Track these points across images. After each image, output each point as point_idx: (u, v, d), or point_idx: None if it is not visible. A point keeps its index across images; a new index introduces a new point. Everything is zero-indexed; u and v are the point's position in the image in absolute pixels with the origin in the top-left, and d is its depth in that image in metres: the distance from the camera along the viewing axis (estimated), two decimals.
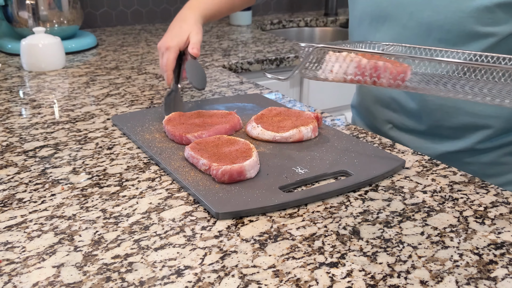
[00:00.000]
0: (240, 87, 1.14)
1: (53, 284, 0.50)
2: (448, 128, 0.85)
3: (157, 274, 0.51)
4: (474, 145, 0.84)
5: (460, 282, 0.50)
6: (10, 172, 0.73)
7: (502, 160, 0.84)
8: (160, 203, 0.65)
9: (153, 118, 0.90)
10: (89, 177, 0.71)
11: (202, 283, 0.50)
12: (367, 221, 0.60)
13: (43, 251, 0.55)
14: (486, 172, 0.81)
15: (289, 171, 0.70)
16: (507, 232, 0.58)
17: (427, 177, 0.72)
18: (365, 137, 0.87)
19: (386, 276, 0.51)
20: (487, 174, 0.81)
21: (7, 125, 0.92)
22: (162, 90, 1.12)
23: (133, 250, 0.55)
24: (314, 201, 0.65)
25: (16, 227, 0.60)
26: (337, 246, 0.56)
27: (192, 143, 0.74)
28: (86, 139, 0.85)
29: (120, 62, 1.38)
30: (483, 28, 0.73)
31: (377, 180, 0.70)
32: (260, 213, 0.62)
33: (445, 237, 0.57)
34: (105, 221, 0.61)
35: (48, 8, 1.46)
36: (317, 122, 0.85)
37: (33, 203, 0.65)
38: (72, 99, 1.06)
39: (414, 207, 0.64)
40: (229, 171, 0.66)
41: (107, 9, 1.90)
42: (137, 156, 0.78)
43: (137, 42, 1.66)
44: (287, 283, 0.50)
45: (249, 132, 0.83)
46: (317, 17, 2.22)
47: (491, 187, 0.69)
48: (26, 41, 1.28)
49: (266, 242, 0.56)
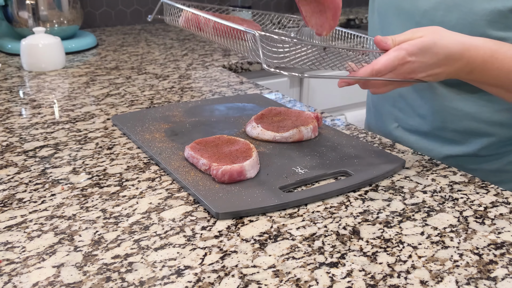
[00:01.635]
0: (240, 87, 1.14)
1: (53, 284, 0.50)
2: (452, 131, 0.85)
3: (157, 274, 0.51)
4: (477, 151, 0.84)
5: (460, 282, 0.50)
6: (10, 172, 0.73)
7: (506, 168, 0.84)
8: (160, 203, 0.65)
9: (153, 118, 0.90)
10: (89, 177, 0.71)
11: (202, 283, 0.50)
12: (367, 221, 0.60)
13: (43, 251, 0.55)
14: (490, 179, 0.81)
15: (289, 171, 0.70)
16: (507, 232, 0.58)
17: (427, 177, 0.72)
18: (365, 137, 0.87)
19: (386, 276, 0.51)
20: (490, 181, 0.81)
21: (7, 125, 0.92)
22: (162, 90, 1.12)
23: (133, 250, 0.55)
24: (314, 201, 0.65)
25: (16, 227, 0.60)
26: (337, 246, 0.56)
27: (192, 143, 0.74)
28: (86, 139, 0.85)
29: (120, 62, 1.38)
30: (494, 32, 0.73)
31: (377, 180, 0.70)
32: (260, 213, 0.62)
33: (445, 237, 0.57)
34: (105, 221, 0.61)
35: (48, 8, 1.46)
36: (317, 122, 0.85)
37: (33, 203, 0.65)
38: (72, 99, 1.06)
39: (414, 207, 0.64)
40: (229, 171, 0.66)
41: (107, 9, 1.90)
42: (137, 156, 0.78)
43: (137, 42, 1.66)
44: (287, 283, 0.50)
45: (249, 132, 0.83)
46: None
47: (491, 187, 0.69)
48: (26, 41, 1.28)
49: (266, 242, 0.56)
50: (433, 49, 0.65)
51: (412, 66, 0.65)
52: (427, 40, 0.65)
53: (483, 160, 0.85)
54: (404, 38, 0.66)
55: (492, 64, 0.68)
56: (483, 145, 0.83)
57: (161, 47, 1.58)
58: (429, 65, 0.66)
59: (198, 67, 1.33)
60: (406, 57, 0.64)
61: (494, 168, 0.84)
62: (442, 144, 0.87)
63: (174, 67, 1.33)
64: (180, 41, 1.66)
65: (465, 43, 0.67)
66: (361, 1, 2.51)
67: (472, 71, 0.68)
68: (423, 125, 0.88)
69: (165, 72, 1.27)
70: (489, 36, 0.73)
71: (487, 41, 0.69)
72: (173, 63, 1.37)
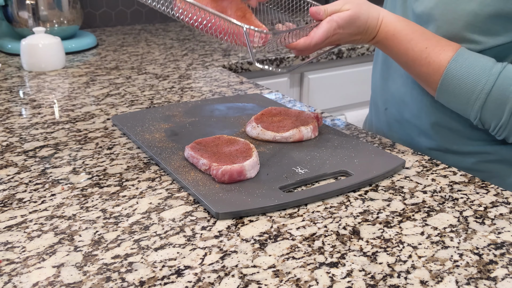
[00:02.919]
0: (240, 87, 1.14)
1: (53, 284, 0.50)
2: (426, 123, 0.85)
3: (157, 274, 0.51)
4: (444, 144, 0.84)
5: (460, 282, 0.50)
6: (10, 172, 0.73)
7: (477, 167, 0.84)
8: (160, 203, 0.65)
9: (153, 118, 0.90)
10: (89, 177, 0.71)
11: (202, 283, 0.50)
12: (367, 221, 0.60)
13: (43, 251, 0.55)
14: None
15: (289, 171, 0.70)
16: (507, 232, 0.58)
17: (427, 177, 0.72)
18: (365, 137, 0.87)
19: (386, 276, 0.51)
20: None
21: (7, 125, 0.92)
22: (162, 90, 1.12)
23: (133, 250, 0.55)
24: (314, 201, 0.65)
25: (16, 227, 0.60)
26: (337, 246, 0.56)
27: (192, 143, 0.74)
28: (86, 139, 0.85)
29: (120, 62, 1.38)
30: (469, 34, 0.74)
31: (377, 180, 0.70)
32: (260, 213, 0.62)
33: (445, 237, 0.57)
34: (105, 221, 0.61)
35: (48, 8, 1.46)
36: (317, 122, 0.85)
37: (33, 203, 0.65)
38: (72, 99, 1.07)
39: (414, 207, 0.64)
40: (229, 171, 0.66)
41: (107, 9, 1.90)
42: (137, 156, 0.78)
43: (137, 42, 1.66)
44: (287, 283, 0.50)
45: (249, 132, 0.83)
46: None
47: (491, 187, 0.69)
48: (26, 41, 1.28)
49: (266, 242, 0.56)
50: (356, 22, 0.75)
51: (339, 37, 0.76)
52: (353, 14, 0.74)
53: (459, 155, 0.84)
54: (335, 9, 0.75)
55: (392, 41, 0.77)
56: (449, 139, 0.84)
57: (161, 47, 1.58)
58: (350, 35, 0.77)
59: (198, 67, 1.33)
60: (336, 29, 0.75)
61: (468, 167, 0.84)
62: (419, 136, 0.88)
63: (174, 67, 1.33)
64: (180, 41, 1.66)
65: (380, 18, 0.77)
66: None
67: (378, 43, 0.79)
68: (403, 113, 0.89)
69: (165, 72, 1.27)
70: (464, 37, 0.75)
71: (401, 20, 0.78)
72: (173, 63, 1.37)
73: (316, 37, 0.74)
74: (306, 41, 0.74)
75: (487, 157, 0.83)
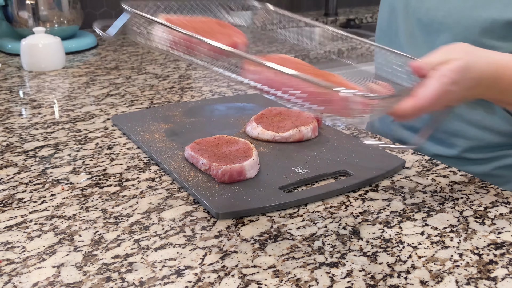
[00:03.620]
0: (240, 87, 1.14)
1: (53, 284, 0.50)
2: (441, 131, 0.85)
3: (157, 274, 0.51)
4: (461, 153, 0.84)
5: (460, 282, 0.50)
6: (10, 172, 0.73)
7: (494, 173, 0.84)
8: (160, 203, 0.65)
9: (153, 118, 0.90)
10: (89, 177, 0.71)
11: (202, 283, 0.50)
12: (367, 221, 0.60)
13: (43, 251, 0.55)
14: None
15: (289, 171, 0.70)
16: (507, 232, 0.58)
17: (427, 177, 0.72)
18: (365, 137, 0.87)
19: (386, 276, 0.51)
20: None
21: (7, 125, 0.92)
22: (162, 90, 1.12)
23: (133, 250, 0.55)
24: (314, 201, 0.65)
25: (16, 227, 0.60)
26: (337, 246, 0.56)
27: (192, 143, 0.74)
28: (86, 139, 0.85)
29: (120, 62, 1.38)
30: (486, 40, 0.73)
31: (377, 180, 0.70)
32: (260, 213, 0.62)
33: (445, 237, 0.57)
34: (105, 221, 0.61)
35: (48, 8, 1.46)
36: (317, 122, 0.85)
37: (33, 203, 0.65)
38: (72, 99, 1.07)
39: (414, 207, 0.64)
40: (229, 171, 0.66)
41: (107, 9, 1.90)
42: (137, 156, 0.78)
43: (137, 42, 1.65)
44: (287, 283, 0.50)
45: (249, 132, 0.83)
46: (317, 17, 2.22)
47: (491, 187, 0.69)
48: (26, 41, 1.28)
49: (266, 242, 0.56)
50: (467, 74, 0.58)
51: (452, 96, 0.59)
52: (463, 64, 0.58)
53: (470, 163, 0.85)
54: (439, 60, 0.59)
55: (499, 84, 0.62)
56: (468, 148, 0.83)
57: None
58: (463, 91, 0.60)
59: (198, 67, 1.33)
60: (449, 87, 0.58)
61: (481, 172, 0.84)
62: (431, 143, 0.87)
63: (174, 67, 1.33)
64: None
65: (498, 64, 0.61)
66: (361, 1, 2.51)
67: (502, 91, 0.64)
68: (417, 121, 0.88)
69: (165, 72, 1.27)
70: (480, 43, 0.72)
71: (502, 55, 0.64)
72: (173, 63, 1.37)
73: (423, 99, 0.57)
74: (408, 103, 0.57)
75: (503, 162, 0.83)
